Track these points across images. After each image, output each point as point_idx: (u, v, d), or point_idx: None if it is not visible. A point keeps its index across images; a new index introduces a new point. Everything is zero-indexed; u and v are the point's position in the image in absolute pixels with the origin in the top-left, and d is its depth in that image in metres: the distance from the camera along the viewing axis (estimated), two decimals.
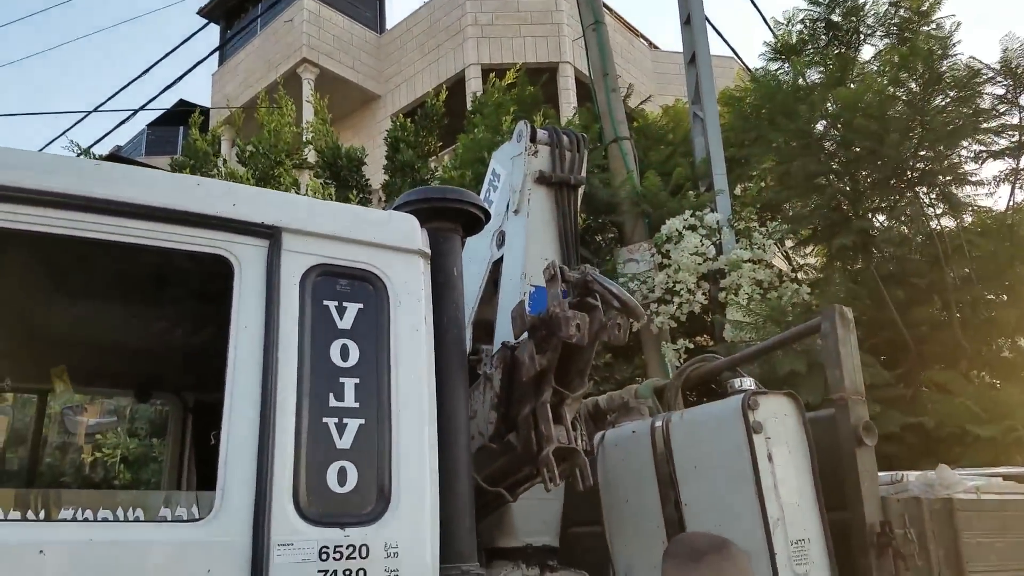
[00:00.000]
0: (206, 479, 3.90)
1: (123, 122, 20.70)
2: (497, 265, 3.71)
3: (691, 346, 6.79)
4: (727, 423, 2.57)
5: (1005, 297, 6.20)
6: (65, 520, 2.15)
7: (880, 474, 2.96)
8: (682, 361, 6.59)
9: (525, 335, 2.71)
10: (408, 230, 2.51)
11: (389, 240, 2.44)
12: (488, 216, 2.91)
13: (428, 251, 2.52)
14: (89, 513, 2.02)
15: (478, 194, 3.96)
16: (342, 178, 9.43)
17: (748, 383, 2.68)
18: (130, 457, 8.38)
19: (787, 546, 2.39)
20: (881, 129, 5.90)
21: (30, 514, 2.16)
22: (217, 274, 2.25)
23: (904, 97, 6.18)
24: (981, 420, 5.13)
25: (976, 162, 6.22)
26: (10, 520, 2.07)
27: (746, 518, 2.46)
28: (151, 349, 3.69)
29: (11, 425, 4.31)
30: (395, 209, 2.69)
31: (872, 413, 4.96)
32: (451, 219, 2.72)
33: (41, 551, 1.78)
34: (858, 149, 6.04)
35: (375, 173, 10.41)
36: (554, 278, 2.70)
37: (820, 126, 6.50)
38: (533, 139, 3.60)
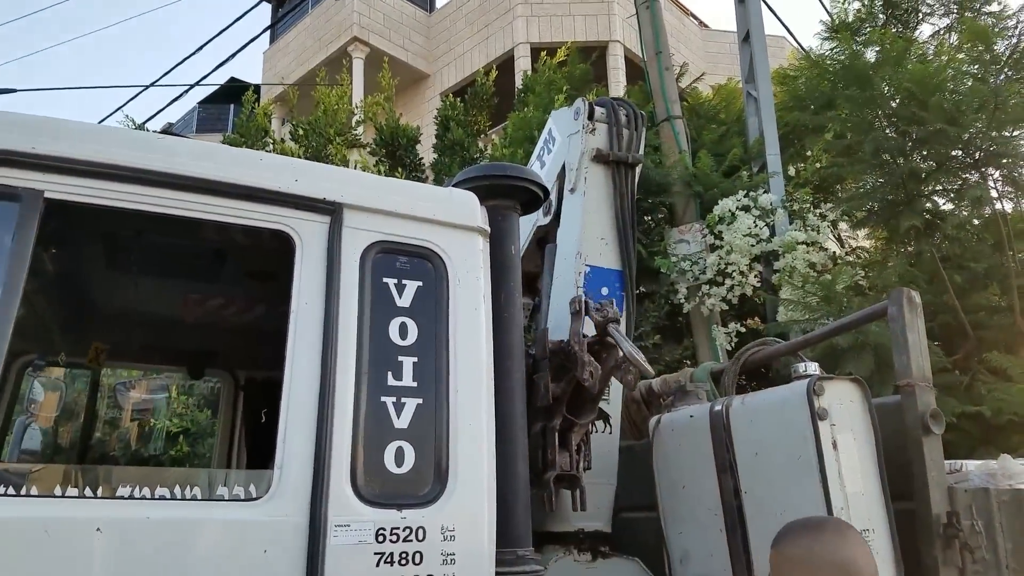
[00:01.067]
0: (256, 456, 3.97)
1: (176, 99, 21.21)
2: (542, 229, 3.69)
3: (742, 329, 6.64)
4: (792, 409, 2.49)
5: None
6: (123, 497, 2.18)
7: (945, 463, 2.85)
8: (732, 344, 6.47)
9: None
10: (469, 207, 2.47)
11: (449, 217, 2.41)
12: (547, 194, 2.87)
13: (488, 228, 2.48)
14: (147, 491, 2.03)
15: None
16: (397, 156, 9.43)
17: (813, 368, 2.59)
18: (184, 433, 8.62)
19: None
20: (953, 107, 5.64)
21: (87, 491, 2.20)
22: (277, 250, 2.25)
23: (979, 75, 5.90)
24: None
25: None
26: (68, 496, 2.10)
27: (809, 507, 2.38)
28: (207, 325, 3.75)
29: (64, 399, 4.43)
30: (455, 186, 2.66)
31: None
32: (510, 197, 2.68)
33: (98, 528, 1.79)
34: (924, 128, 5.79)
35: (424, 152, 10.41)
36: (578, 313, 2.81)
37: (887, 102, 6.24)
38: (591, 117, 3.53)
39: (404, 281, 2.26)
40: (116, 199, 2.09)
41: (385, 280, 2.24)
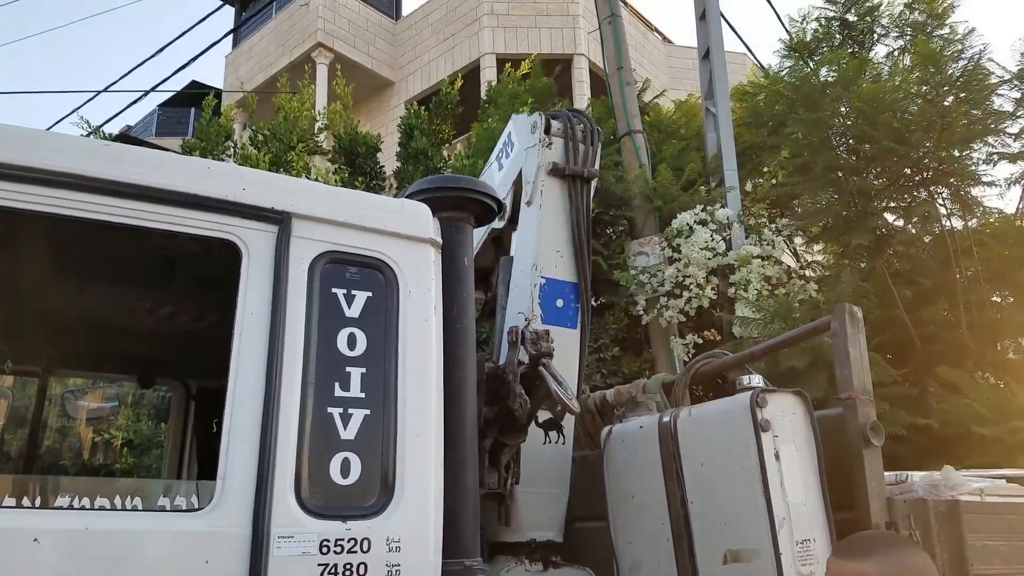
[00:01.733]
0: (207, 468, 3.90)
1: (135, 102, 20.74)
2: (496, 231, 3.77)
3: (700, 341, 6.75)
4: (735, 420, 2.54)
5: (1012, 299, 6.14)
6: (61, 508, 2.14)
7: (884, 473, 2.94)
8: (690, 356, 6.57)
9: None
10: (420, 219, 2.48)
11: (401, 228, 2.42)
12: (501, 207, 2.89)
13: (440, 240, 2.49)
14: (87, 501, 2.00)
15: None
16: (357, 164, 9.37)
17: (757, 380, 2.65)
18: (132, 444, 8.39)
19: (792, 546, 2.37)
20: (902, 127, 5.83)
21: (26, 501, 2.15)
22: (225, 259, 2.23)
23: (928, 96, 6.11)
24: (986, 421, 5.08)
25: (988, 163, 6.17)
26: (5, 507, 2.05)
27: (752, 517, 2.44)
28: (156, 334, 3.68)
29: (11, 409, 4.31)
30: (408, 197, 2.67)
31: (878, 411, 4.93)
32: (464, 209, 2.70)
33: (36, 539, 1.75)
34: (875, 146, 5.97)
35: (387, 160, 10.37)
36: (514, 344, 2.89)
37: (839, 121, 6.43)
38: (547, 131, 3.57)
39: (353, 291, 2.26)
40: (59, 206, 2.05)
41: (334, 290, 2.23)
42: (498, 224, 3.68)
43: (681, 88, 13.81)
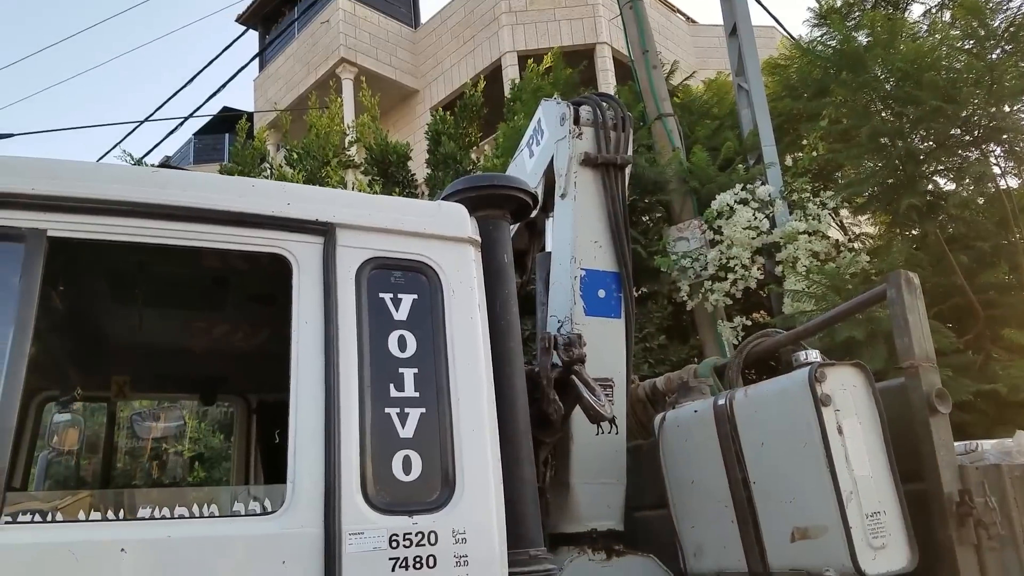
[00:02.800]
0: (273, 476, 4.00)
1: (171, 132, 21.28)
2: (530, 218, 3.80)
3: (748, 323, 6.65)
4: (794, 397, 2.51)
5: None
6: (143, 519, 2.23)
7: (956, 444, 2.86)
8: (739, 339, 6.47)
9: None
10: (458, 219, 2.51)
11: (440, 230, 2.45)
12: (536, 202, 2.90)
13: (479, 239, 2.52)
14: (166, 511, 2.08)
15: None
16: (389, 174, 9.48)
17: (814, 355, 2.60)
18: (202, 458, 8.65)
19: (862, 519, 2.33)
20: (948, 84, 5.64)
21: (110, 514, 2.25)
22: (276, 273, 2.29)
23: (973, 50, 5.90)
24: None
25: None
26: (91, 520, 2.15)
27: (818, 493, 2.40)
28: (214, 352, 3.79)
29: (84, 432, 4.49)
30: (444, 199, 2.70)
31: (943, 380, 4.80)
32: (500, 206, 2.71)
33: (122, 549, 1.84)
34: (921, 107, 5.77)
35: (417, 167, 10.47)
36: (547, 350, 2.92)
37: (881, 84, 6.24)
38: (576, 121, 3.55)
39: (400, 295, 2.30)
40: (117, 233, 2.14)
41: (381, 295, 2.28)
42: (532, 212, 3.70)
43: (710, 68, 13.61)
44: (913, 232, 6.46)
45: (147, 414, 5.46)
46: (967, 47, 5.97)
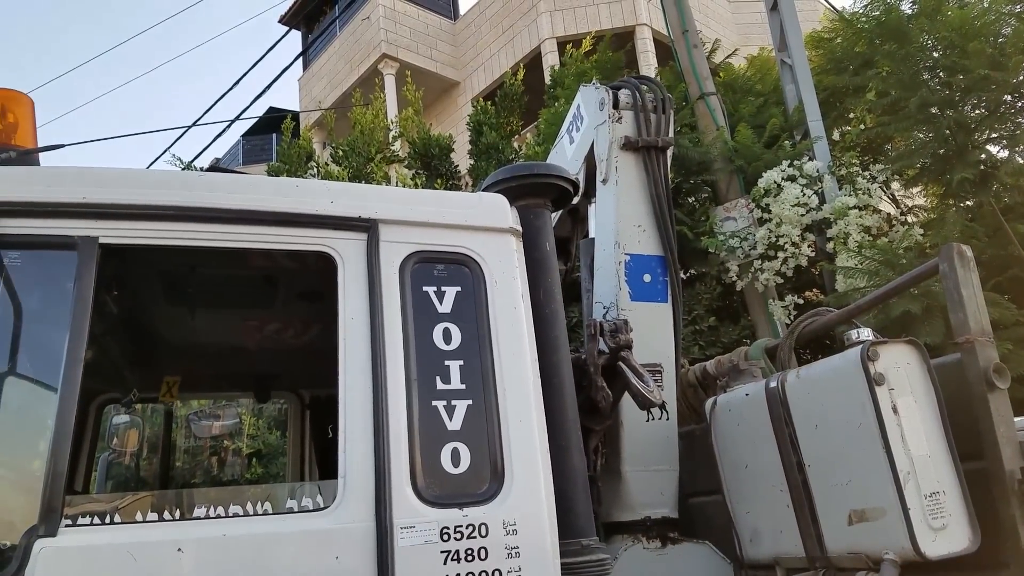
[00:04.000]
0: (327, 471, 4.09)
1: (219, 135, 21.77)
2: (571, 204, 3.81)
3: (800, 302, 6.50)
4: (847, 377, 2.45)
5: None
6: (199, 518, 2.30)
7: (1017, 419, 2.75)
8: (791, 318, 6.34)
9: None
10: (498, 210, 2.51)
11: (480, 221, 2.46)
12: (577, 189, 2.89)
13: (519, 228, 2.52)
14: (221, 510, 2.13)
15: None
16: (432, 167, 9.55)
17: (866, 334, 2.54)
18: (260, 454, 8.89)
19: (921, 500, 2.27)
20: (996, 51, 5.41)
21: (166, 514, 2.32)
22: (322, 270, 2.34)
23: (1022, 15, 5.64)
24: None
25: None
26: (148, 521, 2.23)
27: (875, 474, 2.34)
28: (266, 350, 3.88)
29: (142, 433, 4.64)
30: (484, 189, 2.71)
31: (1003, 353, 4.62)
32: (540, 194, 2.71)
33: (179, 548, 1.90)
34: (969, 76, 5.55)
35: (460, 159, 10.52)
36: (593, 336, 2.93)
37: (927, 54, 6.02)
38: (616, 106, 3.52)
39: (443, 288, 2.32)
40: (166, 238, 2.20)
41: (425, 288, 2.30)
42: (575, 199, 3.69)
43: (752, 44, 13.28)
44: (968, 203, 6.21)
45: (204, 413, 5.63)
46: (1017, 11, 5.69)
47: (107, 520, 2.10)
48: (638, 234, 3.43)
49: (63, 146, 2.48)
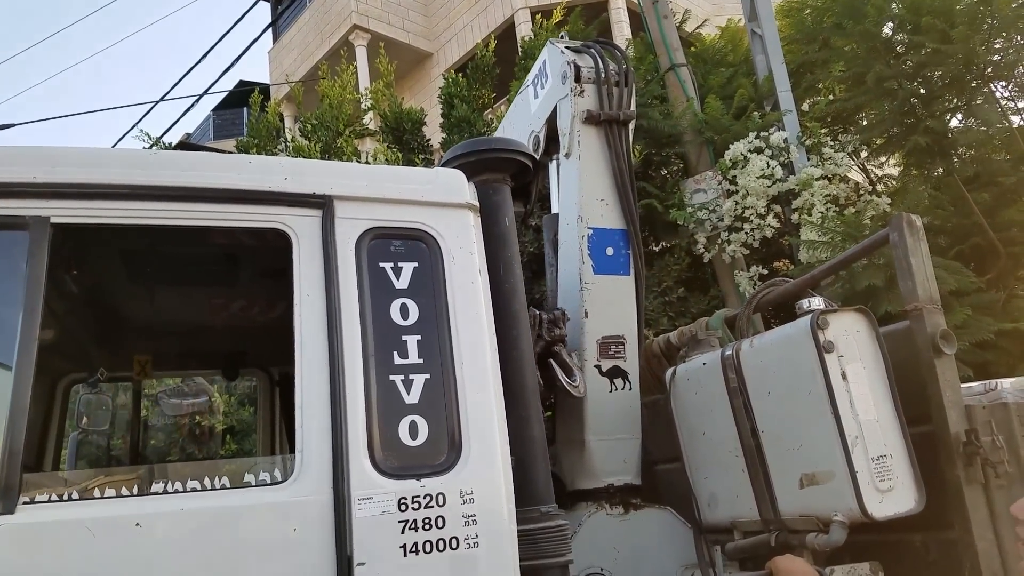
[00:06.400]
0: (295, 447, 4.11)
1: (188, 110, 21.45)
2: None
3: (765, 272, 6.60)
4: (797, 345, 2.51)
5: None
6: (156, 493, 2.31)
7: (973, 384, 2.84)
8: (756, 287, 6.43)
9: None
10: (455, 185, 2.53)
11: (437, 197, 2.47)
12: (536, 163, 2.90)
13: (477, 204, 2.53)
14: (179, 485, 2.15)
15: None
16: (404, 141, 9.46)
17: (817, 302, 2.60)
18: (232, 431, 8.90)
19: (868, 463, 2.35)
20: (946, 25, 5.47)
21: (124, 491, 2.34)
22: (279, 247, 2.34)
23: None
24: None
25: None
26: (107, 497, 2.24)
27: (824, 439, 2.42)
28: (231, 327, 3.87)
29: (111, 412, 4.62)
30: (443, 165, 2.71)
31: (963, 319, 4.77)
32: (499, 169, 2.72)
33: (137, 523, 1.92)
34: (926, 50, 5.63)
35: (433, 132, 10.42)
36: (532, 326, 2.92)
37: (888, 29, 6.08)
38: (578, 79, 3.51)
39: (400, 264, 2.34)
40: (119, 217, 2.19)
41: (381, 265, 2.31)
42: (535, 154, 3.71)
43: (725, 14, 13.25)
44: (936, 173, 6.32)
45: (173, 391, 5.62)
46: None
47: (65, 497, 2.12)
48: (601, 208, 3.45)
49: (12, 125, 2.44)
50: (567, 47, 3.64)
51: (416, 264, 2.36)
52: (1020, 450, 2.50)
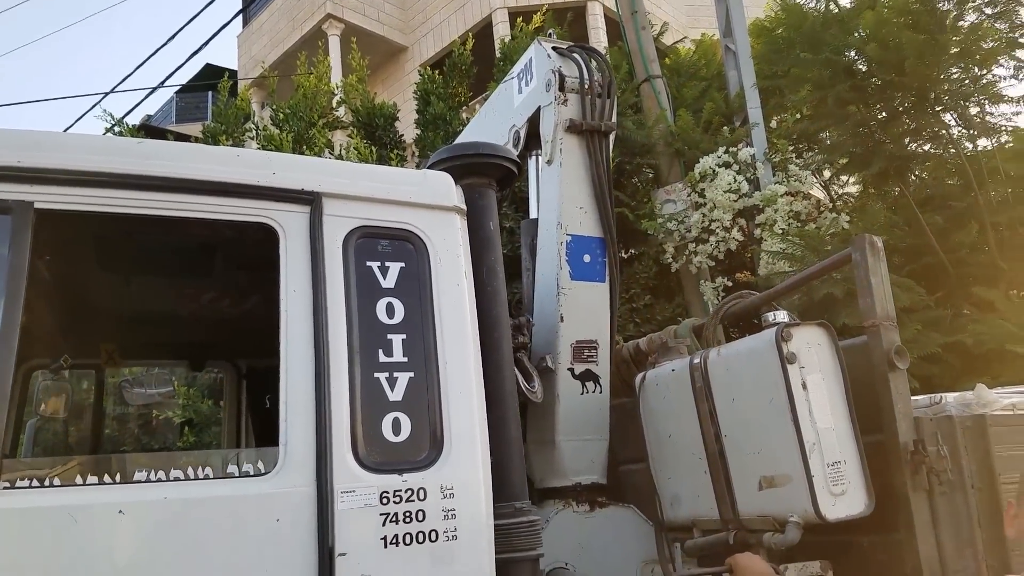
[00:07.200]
0: (264, 439, 4.11)
1: (151, 92, 20.82)
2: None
3: (729, 283, 6.80)
4: (762, 355, 2.64)
5: None
6: (139, 481, 2.33)
7: (919, 397, 3.02)
8: (720, 299, 6.62)
9: None
10: (444, 188, 2.58)
11: (426, 199, 2.52)
12: (521, 170, 2.98)
13: (464, 207, 2.60)
14: (162, 474, 2.17)
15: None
16: (376, 136, 9.44)
17: (782, 316, 2.73)
18: (191, 423, 8.78)
19: (824, 468, 2.48)
20: (897, 56, 5.73)
21: (106, 478, 2.34)
22: (263, 242, 2.36)
23: (930, 18, 5.96)
24: (1019, 338, 5.09)
25: (1017, 79, 6.02)
26: (88, 484, 2.25)
27: (784, 444, 2.55)
28: (204, 319, 3.87)
29: (74, 399, 4.55)
30: (430, 167, 2.77)
31: (913, 334, 5.00)
32: (485, 174, 2.79)
33: (120, 511, 1.94)
34: (876, 79, 5.89)
35: (406, 127, 10.41)
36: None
37: (853, 53, 6.32)
38: (562, 87, 3.60)
39: (387, 263, 2.39)
40: (104, 204, 2.19)
41: (368, 263, 2.36)
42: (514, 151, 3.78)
43: (701, 27, 13.51)
44: (895, 192, 6.59)
45: (136, 380, 5.56)
46: (928, 11, 6.02)
47: (45, 483, 2.13)
48: (580, 216, 3.55)
49: None
50: (554, 48, 3.71)
51: (403, 264, 2.41)
52: (962, 460, 2.67)
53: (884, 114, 6.16)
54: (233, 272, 3.28)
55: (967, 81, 5.89)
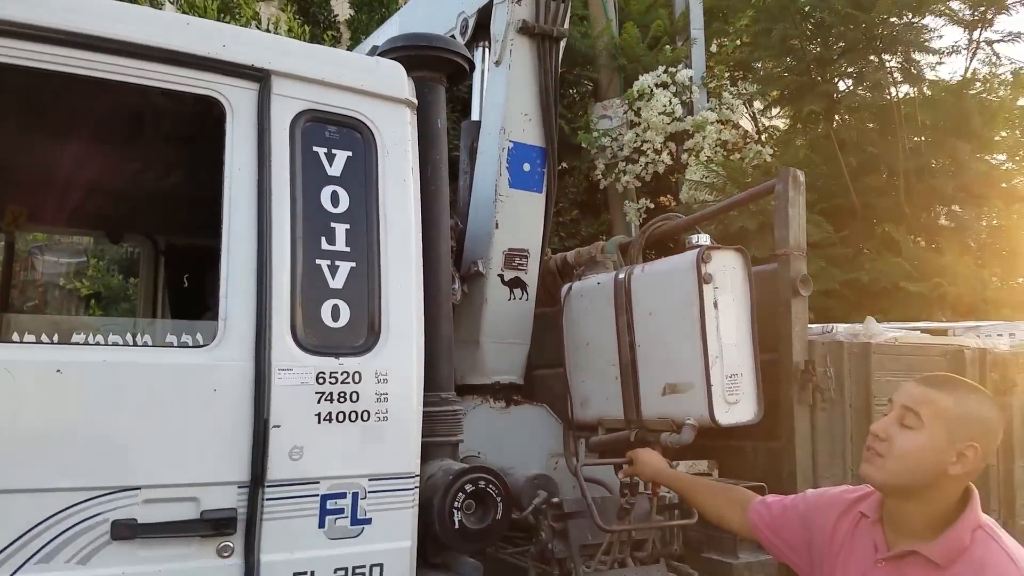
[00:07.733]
0: (181, 316, 4.07)
1: None
2: None
3: (652, 206, 7.02)
4: (682, 274, 2.82)
5: (950, 169, 6.51)
6: (78, 343, 2.33)
7: (813, 326, 3.31)
8: (642, 220, 6.85)
9: None
10: (396, 79, 2.54)
11: (377, 88, 2.48)
12: (473, 67, 2.96)
13: (415, 101, 2.57)
14: (100, 338, 2.17)
15: None
16: (311, 14, 8.94)
17: (704, 239, 2.90)
18: (97, 296, 8.49)
19: (723, 379, 2.73)
20: None
21: (44, 337, 2.32)
22: (203, 115, 2.30)
23: None
24: (912, 277, 5.57)
25: (937, 29, 6.31)
26: (26, 343, 2.24)
27: (690, 356, 2.77)
28: (127, 190, 3.72)
29: None
30: (381, 54, 2.71)
31: (816, 268, 5.39)
32: (436, 68, 2.77)
33: (58, 370, 1.94)
34: (833, 13, 6.02)
35: (338, 4, 9.88)
36: None
37: None
38: None
39: (334, 151, 2.37)
40: (39, 60, 2.07)
41: (315, 149, 2.34)
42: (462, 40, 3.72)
43: None
44: (819, 131, 6.87)
45: (48, 248, 5.32)
46: None
47: None
48: (524, 122, 3.56)
49: None
50: None
51: (350, 153, 2.40)
52: (845, 382, 3.00)
53: (836, 47, 6.33)
54: (165, 145, 3.16)
55: (900, 27, 6.11)
